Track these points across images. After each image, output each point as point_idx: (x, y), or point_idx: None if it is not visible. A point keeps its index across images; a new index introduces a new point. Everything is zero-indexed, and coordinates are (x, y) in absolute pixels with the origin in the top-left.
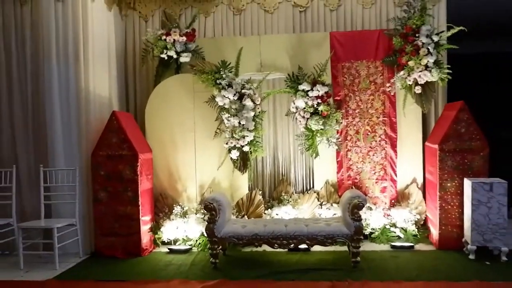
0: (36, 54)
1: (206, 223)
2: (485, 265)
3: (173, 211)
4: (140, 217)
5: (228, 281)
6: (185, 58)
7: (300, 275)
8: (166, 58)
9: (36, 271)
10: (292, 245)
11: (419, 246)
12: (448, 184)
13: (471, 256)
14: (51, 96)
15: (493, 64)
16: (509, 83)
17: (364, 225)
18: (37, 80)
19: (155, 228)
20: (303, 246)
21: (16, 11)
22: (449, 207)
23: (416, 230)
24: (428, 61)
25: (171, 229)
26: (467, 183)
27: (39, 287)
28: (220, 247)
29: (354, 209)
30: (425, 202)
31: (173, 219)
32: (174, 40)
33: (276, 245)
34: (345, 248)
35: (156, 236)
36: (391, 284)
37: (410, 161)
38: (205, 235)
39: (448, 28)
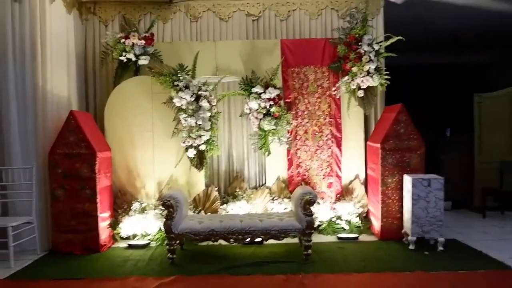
0: None
1: (164, 219)
2: (424, 255)
3: (132, 207)
4: (98, 213)
5: (185, 277)
6: (143, 61)
7: (255, 269)
8: (125, 60)
9: None
10: (247, 240)
11: (363, 237)
12: (389, 180)
13: (411, 247)
14: (7, 94)
15: (423, 74)
16: (433, 91)
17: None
18: None
19: (114, 224)
20: (257, 239)
21: None
22: (390, 201)
23: (360, 222)
24: (369, 67)
25: (129, 225)
26: (407, 179)
27: None
28: (178, 242)
29: (306, 205)
30: (367, 196)
31: (131, 215)
32: (133, 43)
33: (232, 239)
34: (296, 240)
35: (115, 231)
36: (341, 276)
37: (354, 159)
38: (163, 230)
39: (386, 39)
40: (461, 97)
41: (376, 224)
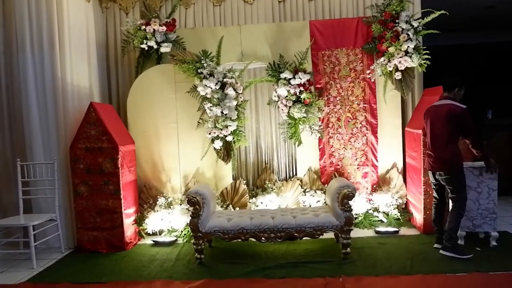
0: (9, 45)
1: (190, 217)
2: (476, 251)
3: (158, 202)
4: (123, 210)
5: (214, 280)
6: (165, 49)
7: (290, 271)
8: (146, 48)
9: (13, 271)
10: (280, 239)
11: (403, 231)
12: None
13: (460, 242)
14: (26, 87)
15: (460, 54)
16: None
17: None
18: (11, 72)
19: (140, 219)
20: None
21: None
22: None
23: (398, 214)
24: (408, 46)
25: (155, 221)
26: None
27: None
28: (206, 240)
29: (344, 200)
30: (406, 187)
31: (157, 210)
32: (154, 30)
33: (263, 238)
34: (331, 235)
35: (141, 228)
36: (387, 280)
37: (390, 146)
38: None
39: (423, 15)
40: (502, 78)
41: (418, 216)
